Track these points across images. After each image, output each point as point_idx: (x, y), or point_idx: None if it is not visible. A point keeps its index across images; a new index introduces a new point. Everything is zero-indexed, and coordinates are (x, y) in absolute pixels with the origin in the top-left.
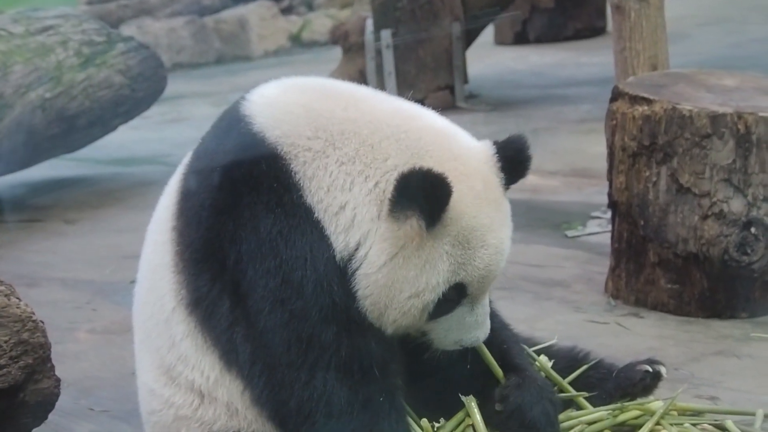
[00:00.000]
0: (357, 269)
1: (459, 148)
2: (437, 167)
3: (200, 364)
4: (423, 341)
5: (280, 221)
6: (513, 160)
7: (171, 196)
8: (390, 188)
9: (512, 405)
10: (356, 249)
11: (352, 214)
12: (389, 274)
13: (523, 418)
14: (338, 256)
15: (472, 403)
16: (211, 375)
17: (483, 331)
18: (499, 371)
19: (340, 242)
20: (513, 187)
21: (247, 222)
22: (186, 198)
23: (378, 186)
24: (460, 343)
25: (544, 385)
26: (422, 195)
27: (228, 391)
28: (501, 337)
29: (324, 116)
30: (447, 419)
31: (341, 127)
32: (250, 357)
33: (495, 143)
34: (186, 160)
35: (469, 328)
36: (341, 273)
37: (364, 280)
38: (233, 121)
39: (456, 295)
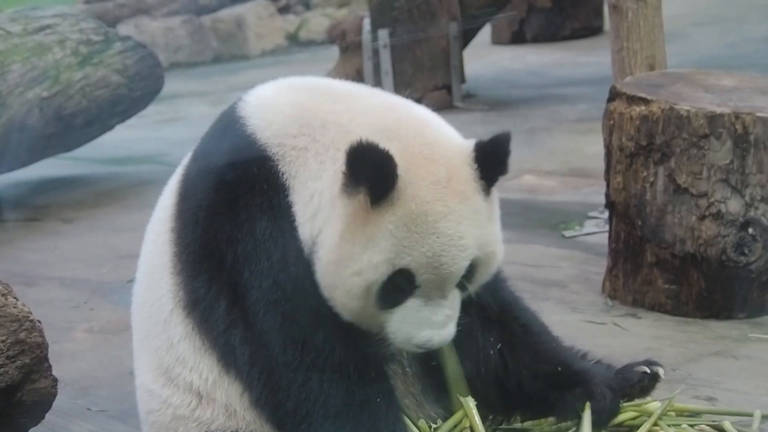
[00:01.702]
0: (316, 254)
1: (434, 137)
2: (399, 148)
3: (198, 365)
4: (382, 338)
5: (271, 223)
6: (490, 158)
7: (169, 196)
8: None
9: (603, 417)
10: (318, 234)
11: (318, 200)
12: (337, 250)
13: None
14: (306, 248)
15: (470, 404)
16: (210, 377)
17: (438, 333)
18: (458, 390)
19: (306, 231)
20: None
21: (243, 224)
22: (184, 199)
23: (341, 167)
24: (413, 341)
25: (606, 374)
26: (368, 168)
27: (226, 393)
28: (548, 338)
29: (311, 112)
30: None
31: (323, 120)
32: (249, 359)
33: (478, 142)
34: (185, 160)
35: (421, 325)
36: (309, 266)
37: (319, 263)
38: (229, 123)
39: (405, 284)
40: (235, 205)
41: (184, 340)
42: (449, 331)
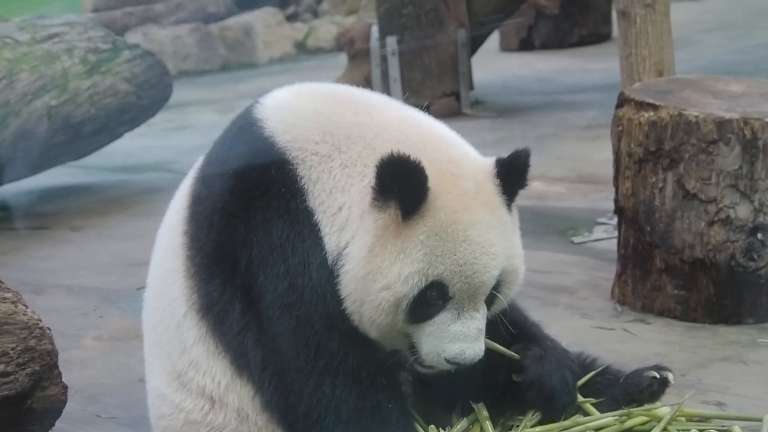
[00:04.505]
0: (342, 267)
1: (458, 154)
2: (426, 164)
3: (211, 369)
4: (412, 356)
5: (288, 227)
6: (511, 172)
7: (182, 200)
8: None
9: (531, 376)
10: (345, 247)
11: (347, 214)
12: (366, 265)
13: (541, 388)
14: (330, 259)
15: (483, 411)
16: (222, 380)
17: (470, 347)
18: (511, 354)
19: (333, 242)
20: (519, 193)
21: (258, 226)
22: (197, 202)
23: (370, 183)
24: (444, 355)
25: (563, 354)
26: (398, 179)
27: (239, 397)
28: (516, 311)
29: (333, 121)
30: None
31: (348, 132)
32: (261, 362)
33: (498, 158)
34: (197, 164)
35: (454, 338)
36: (332, 277)
37: (345, 277)
38: (246, 125)
39: (438, 297)
40: (251, 208)
41: (198, 344)
42: (481, 346)
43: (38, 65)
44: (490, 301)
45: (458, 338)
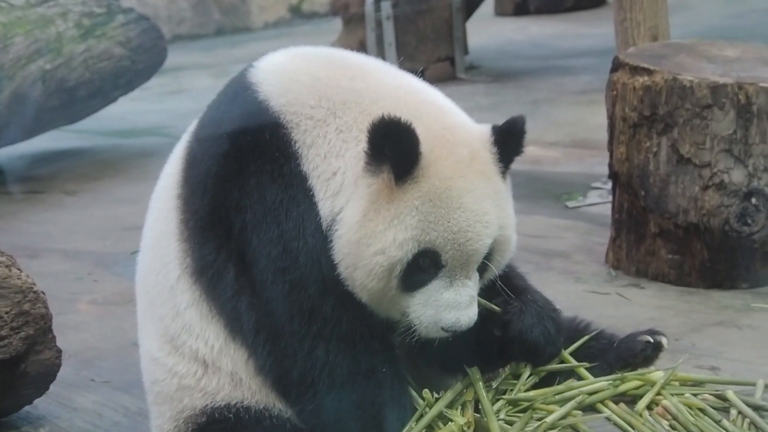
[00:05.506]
0: (335, 232)
1: (454, 122)
2: (422, 130)
3: (204, 333)
4: (406, 325)
5: (281, 191)
6: (507, 139)
7: (176, 163)
8: None
9: (513, 331)
10: (339, 212)
11: (341, 179)
12: (359, 230)
13: (524, 343)
14: (324, 224)
15: (477, 375)
16: (216, 344)
17: (465, 313)
18: (492, 307)
19: (327, 207)
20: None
21: (252, 190)
22: (191, 165)
23: (364, 147)
24: (439, 324)
25: (544, 305)
26: (389, 142)
27: (232, 361)
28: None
29: (329, 85)
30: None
31: (344, 97)
32: (255, 326)
33: (494, 126)
34: (191, 127)
35: (447, 307)
36: (326, 242)
37: (339, 242)
38: (240, 89)
39: (430, 265)
40: (245, 172)
41: (191, 308)
42: (474, 311)
43: (33, 29)
44: (482, 269)
45: (452, 306)
